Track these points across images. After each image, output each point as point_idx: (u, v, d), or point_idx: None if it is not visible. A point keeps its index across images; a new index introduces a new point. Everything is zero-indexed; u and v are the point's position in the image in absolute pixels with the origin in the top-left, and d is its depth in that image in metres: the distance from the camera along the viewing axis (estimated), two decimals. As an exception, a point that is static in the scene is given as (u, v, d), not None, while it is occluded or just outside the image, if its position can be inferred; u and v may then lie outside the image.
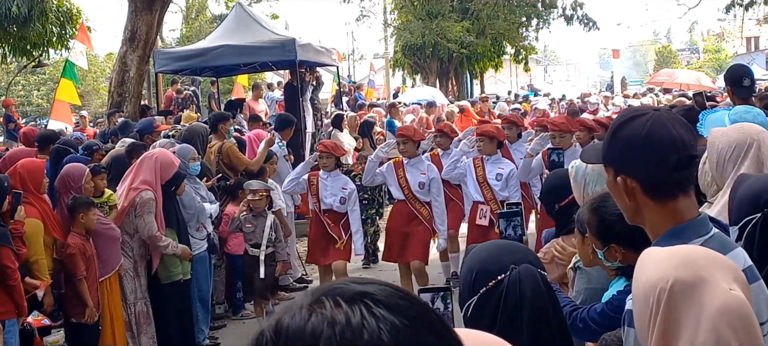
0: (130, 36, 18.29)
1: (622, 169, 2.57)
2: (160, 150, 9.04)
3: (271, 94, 23.04)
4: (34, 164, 7.93)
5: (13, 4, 16.40)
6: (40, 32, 17.43)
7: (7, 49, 18.31)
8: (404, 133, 9.99)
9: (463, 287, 2.52)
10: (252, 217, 9.54)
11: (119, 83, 18.24)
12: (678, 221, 2.55)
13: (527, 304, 2.37)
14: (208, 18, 42.91)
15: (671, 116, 2.64)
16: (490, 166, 9.67)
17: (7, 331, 6.78)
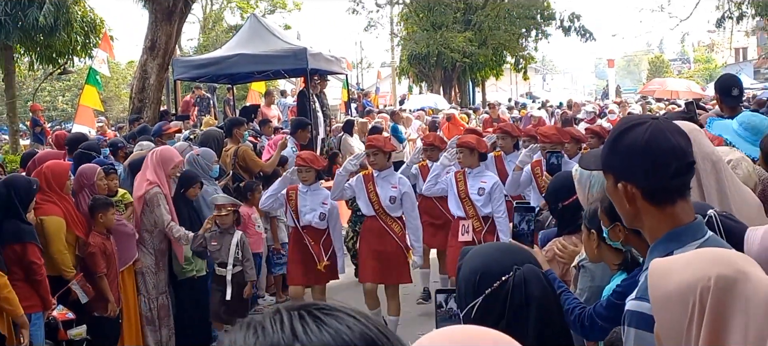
0: (151, 45, 18.33)
1: (623, 175, 2.55)
2: (161, 148, 9.17)
3: (284, 101, 23.04)
4: (59, 166, 7.96)
5: (40, 14, 16.41)
6: (66, 41, 17.43)
7: (34, 57, 18.31)
8: (374, 145, 8.84)
9: (465, 289, 2.48)
10: (218, 234, 8.47)
11: (140, 90, 18.29)
12: (676, 224, 2.54)
13: (534, 303, 2.34)
14: (224, 28, 42.94)
15: (669, 125, 2.63)
16: (472, 180, 8.76)
17: (33, 324, 6.79)
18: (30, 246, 6.84)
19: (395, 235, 8.64)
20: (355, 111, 23.12)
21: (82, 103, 18.24)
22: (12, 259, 6.76)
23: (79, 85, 29.13)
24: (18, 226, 6.86)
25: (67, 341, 7.47)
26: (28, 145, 19.29)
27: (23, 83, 31.80)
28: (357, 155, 9.40)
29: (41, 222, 7.37)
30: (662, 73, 70.02)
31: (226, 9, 46.34)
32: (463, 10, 37.21)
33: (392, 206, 8.59)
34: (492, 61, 40.18)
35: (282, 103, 22.46)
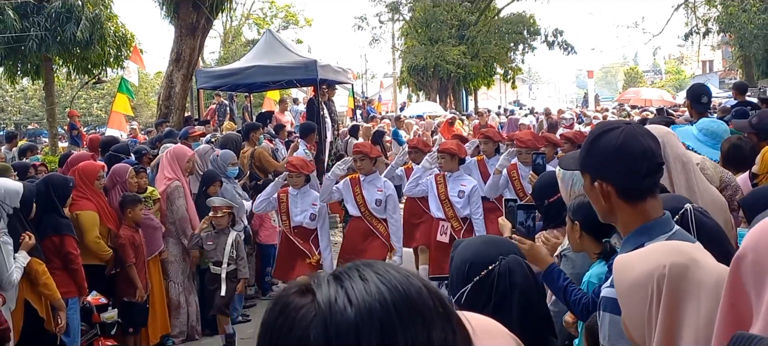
0: (176, 57, 18.37)
1: (598, 175, 2.56)
2: (173, 146, 9.22)
3: (296, 108, 23.06)
4: (90, 165, 8.00)
5: (77, 29, 16.42)
6: (100, 54, 17.43)
7: (72, 68, 18.30)
8: (360, 150, 8.61)
9: (456, 277, 2.49)
10: (214, 234, 8.29)
11: (166, 98, 18.33)
12: (646, 219, 2.55)
13: (517, 290, 2.35)
14: (243, 42, 42.99)
15: (641, 129, 2.66)
16: (452, 184, 8.55)
17: (69, 308, 6.83)
18: (67, 238, 6.89)
19: (381, 235, 8.50)
20: (360, 117, 23.18)
21: (114, 109, 18.33)
22: (51, 249, 6.80)
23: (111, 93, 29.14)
24: (56, 219, 6.90)
25: (100, 323, 7.50)
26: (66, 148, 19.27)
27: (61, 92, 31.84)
28: (345, 160, 9.10)
29: (76, 216, 7.44)
30: (637, 83, 70.01)
31: (245, 25, 46.48)
32: (457, 26, 37.21)
33: (378, 208, 8.43)
34: (483, 72, 40.34)
35: (294, 109, 22.48)
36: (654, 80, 74.77)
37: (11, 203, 6.30)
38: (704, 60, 62.15)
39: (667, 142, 3.74)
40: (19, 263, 6.16)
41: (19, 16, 16.60)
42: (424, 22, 37.51)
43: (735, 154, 5.21)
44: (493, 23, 39.14)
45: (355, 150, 8.80)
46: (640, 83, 67.91)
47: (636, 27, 53.23)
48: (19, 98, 43.17)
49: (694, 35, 36.17)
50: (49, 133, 20.41)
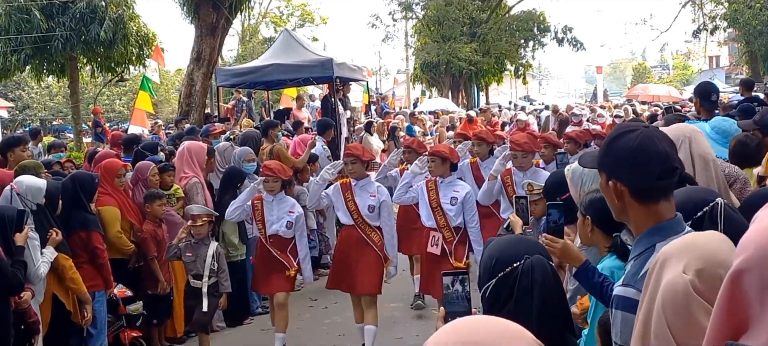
0: (196, 56, 18.44)
1: (614, 175, 2.57)
2: (188, 143, 9.22)
3: (313, 104, 23.06)
4: (112, 163, 8.07)
5: (101, 30, 16.52)
6: (123, 53, 17.53)
7: (96, 66, 18.43)
8: (352, 153, 7.66)
9: (483, 271, 2.51)
10: (193, 244, 7.47)
11: (187, 95, 18.42)
12: (659, 220, 2.54)
13: (537, 288, 2.37)
14: (260, 40, 43.03)
15: (658, 133, 2.64)
16: (444, 190, 7.59)
17: (96, 300, 6.89)
18: (94, 233, 6.94)
19: (374, 244, 7.56)
20: (374, 113, 23.14)
21: (136, 106, 18.41)
22: (78, 244, 6.85)
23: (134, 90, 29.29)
24: (84, 216, 6.95)
25: (126, 315, 7.56)
26: (90, 143, 19.40)
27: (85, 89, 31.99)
28: (334, 164, 8.20)
29: (99, 212, 7.46)
30: (644, 78, 69.75)
31: (262, 23, 46.47)
32: (469, 24, 37.14)
33: (371, 215, 7.53)
34: (494, 69, 40.20)
35: (311, 106, 22.50)
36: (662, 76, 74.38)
37: (34, 199, 6.35)
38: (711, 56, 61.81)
39: (693, 140, 3.77)
40: (47, 258, 6.21)
41: (45, 16, 16.72)
42: (436, 20, 37.45)
43: (740, 151, 5.22)
44: (503, 21, 39.05)
45: (346, 153, 7.87)
46: (648, 79, 67.63)
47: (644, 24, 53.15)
48: (44, 95, 43.44)
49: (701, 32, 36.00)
50: (73, 129, 20.56)
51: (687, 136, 3.80)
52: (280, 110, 19.07)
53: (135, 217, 7.91)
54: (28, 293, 5.96)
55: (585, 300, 3.89)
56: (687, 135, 3.81)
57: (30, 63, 17.57)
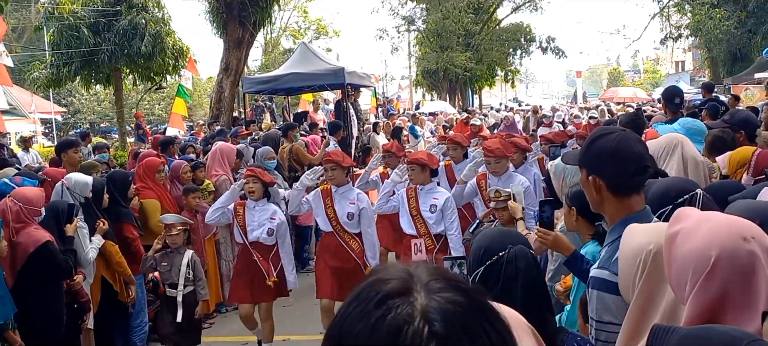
0: (225, 67, 18.47)
1: (594, 171, 2.58)
2: (220, 144, 9.23)
3: (327, 108, 23.07)
4: (152, 161, 8.08)
5: (141, 44, 16.56)
6: (161, 64, 17.55)
7: (137, 76, 18.45)
8: (332, 159, 6.72)
9: (472, 260, 2.51)
10: (168, 253, 6.55)
11: (217, 101, 18.45)
12: (630, 212, 2.56)
13: (521, 275, 2.36)
14: (281, 51, 43.05)
15: (633, 136, 2.69)
16: (423, 197, 6.70)
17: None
18: (126, 224, 6.93)
19: (353, 252, 6.69)
20: (381, 114, 23.15)
21: (173, 111, 18.43)
22: (117, 234, 6.84)
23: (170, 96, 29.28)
24: (117, 209, 6.94)
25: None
26: (133, 143, 19.42)
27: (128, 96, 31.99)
28: (315, 170, 7.42)
29: (142, 204, 7.49)
30: (619, 81, 69.43)
31: (282, 36, 46.45)
32: (464, 35, 37.14)
33: (350, 222, 6.68)
34: (486, 74, 40.19)
35: (326, 109, 22.51)
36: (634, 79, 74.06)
37: (81, 193, 6.39)
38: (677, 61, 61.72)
39: (684, 144, 3.90)
40: (95, 244, 6.23)
41: (92, 33, 16.76)
42: (435, 33, 37.47)
43: (719, 144, 5.25)
44: (494, 33, 39.11)
45: (326, 159, 6.90)
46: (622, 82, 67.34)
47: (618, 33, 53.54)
48: (92, 101, 43.51)
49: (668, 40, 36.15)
50: (118, 131, 20.56)
51: (679, 141, 3.94)
52: (298, 113, 19.12)
53: (173, 208, 7.93)
54: (80, 276, 5.99)
55: (568, 280, 3.89)
56: (679, 141, 3.95)
57: (79, 74, 17.60)
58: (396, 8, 39.97)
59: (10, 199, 5.75)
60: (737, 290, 1.59)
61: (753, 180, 3.89)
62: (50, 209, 6.02)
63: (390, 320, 0.98)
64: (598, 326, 2.53)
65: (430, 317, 0.98)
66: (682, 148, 3.92)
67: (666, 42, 36.41)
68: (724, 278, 1.62)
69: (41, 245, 5.57)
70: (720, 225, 1.74)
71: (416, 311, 0.99)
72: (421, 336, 0.96)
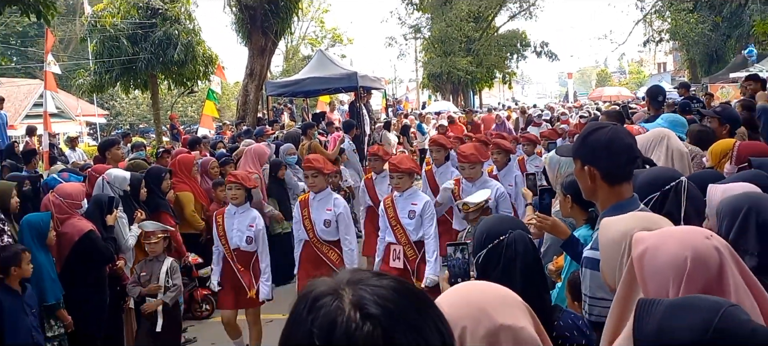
0: (250, 72, 18.49)
1: (588, 161, 2.56)
2: (254, 146, 9.23)
3: (342, 108, 23.05)
4: (186, 158, 8.15)
5: (175, 53, 16.60)
6: (192, 70, 17.56)
7: (171, 81, 18.46)
8: (313, 165, 5.83)
9: (476, 244, 2.47)
10: (148, 262, 5.95)
11: (243, 103, 18.49)
12: (620, 199, 2.54)
13: (520, 257, 2.32)
14: (300, 58, 42.97)
15: (623, 130, 2.69)
16: (402, 203, 5.82)
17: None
18: (163, 214, 6.95)
19: (331, 263, 5.81)
20: (391, 114, 23.13)
21: (204, 113, 18.42)
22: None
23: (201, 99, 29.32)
24: (155, 200, 7.00)
25: (198, 277, 7.59)
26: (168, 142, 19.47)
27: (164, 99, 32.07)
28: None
29: (177, 197, 7.51)
30: (606, 82, 69.06)
31: (301, 44, 46.41)
32: (465, 42, 37.05)
33: (327, 230, 5.81)
34: (486, 77, 40.10)
35: (341, 109, 22.50)
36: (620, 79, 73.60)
37: (120, 186, 6.43)
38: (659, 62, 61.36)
39: (670, 138, 3.91)
40: (133, 233, 6.24)
41: (131, 43, 16.81)
42: (439, 40, 37.46)
43: (702, 137, 5.29)
44: (493, 39, 39.01)
45: (305, 165, 6.00)
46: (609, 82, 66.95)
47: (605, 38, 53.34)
48: (132, 105, 43.69)
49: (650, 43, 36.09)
50: (155, 130, 20.61)
51: (665, 135, 3.94)
52: (316, 113, 19.12)
53: (204, 200, 7.98)
54: (121, 262, 6.01)
55: (560, 260, 3.85)
56: (665, 135, 3.95)
57: (120, 80, 17.65)
58: (403, 18, 40.25)
59: (52, 194, 5.80)
60: (714, 281, 1.60)
61: (737, 168, 3.86)
62: (93, 201, 6.06)
63: (322, 318, 0.96)
64: (592, 302, 2.50)
65: (361, 303, 0.96)
66: (668, 140, 3.90)
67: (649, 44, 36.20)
68: (702, 273, 1.62)
69: (84, 233, 5.60)
70: (683, 232, 1.75)
71: (345, 303, 0.96)
72: (355, 321, 0.94)
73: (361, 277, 1.01)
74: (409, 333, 0.95)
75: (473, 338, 1.34)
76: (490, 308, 1.38)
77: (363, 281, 1.00)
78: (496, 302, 1.41)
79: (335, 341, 0.93)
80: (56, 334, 5.38)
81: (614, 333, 1.74)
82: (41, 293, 5.25)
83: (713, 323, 1.30)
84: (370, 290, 0.98)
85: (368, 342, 0.92)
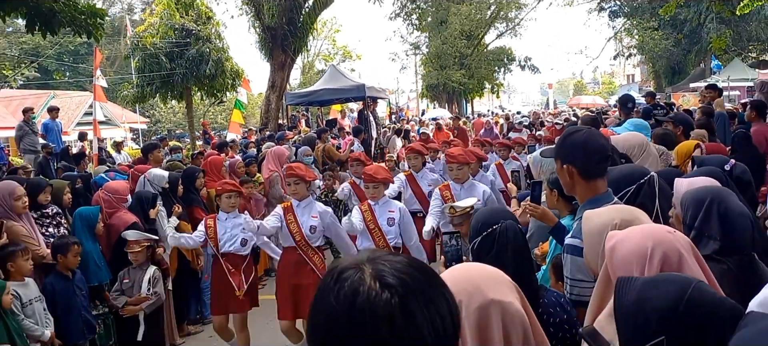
0: (271, 84, 18.46)
1: (567, 160, 2.55)
2: (275, 147, 9.25)
3: (352, 115, 23.04)
4: (216, 159, 8.15)
5: (206, 68, 16.62)
6: (222, 83, 17.53)
7: (203, 92, 18.44)
8: (295, 173, 5.26)
9: (472, 232, 2.44)
10: (130, 270, 5.35)
11: (265, 112, 18.46)
12: (596, 193, 2.52)
13: (511, 243, 2.31)
14: (315, 72, 42.92)
15: (597, 132, 2.66)
16: (380, 210, 5.30)
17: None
18: (196, 208, 6.96)
19: (315, 267, 5.26)
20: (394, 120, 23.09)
21: (232, 120, 18.46)
22: (189, 215, 6.86)
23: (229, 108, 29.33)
24: (190, 196, 6.99)
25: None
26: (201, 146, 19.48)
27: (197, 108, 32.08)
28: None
29: (209, 193, 7.50)
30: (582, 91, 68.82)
31: (316, 60, 46.40)
32: (458, 57, 37.04)
33: (313, 236, 5.26)
34: (477, 87, 39.97)
35: (351, 116, 22.48)
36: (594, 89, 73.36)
37: (159, 184, 6.43)
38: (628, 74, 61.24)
39: (647, 145, 3.92)
40: (172, 224, 6.21)
41: (168, 60, 16.82)
42: (436, 56, 37.45)
43: (666, 139, 5.30)
44: (483, 54, 38.94)
45: (288, 173, 5.38)
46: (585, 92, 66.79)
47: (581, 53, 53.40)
48: (169, 113, 43.77)
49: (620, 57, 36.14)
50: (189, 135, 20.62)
51: (645, 139, 3.98)
52: (329, 120, 19.08)
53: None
54: (160, 249, 6.01)
55: (544, 246, 3.85)
56: (645, 139, 3.99)
57: (159, 92, 17.64)
58: (405, 37, 40.28)
59: (102, 191, 5.82)
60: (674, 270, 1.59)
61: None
62: (136, 197, 6.07)
63: (347, 287, 0.98)
64: (572, 283, 2.49)
65: (380, 275, 0.98)
66: (648, 144, 3.93)
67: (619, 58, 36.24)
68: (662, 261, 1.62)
69: (129, 225, 5.60)
70: (651, 228, 1.76)
71: (366, 275, 0.98)
72: (375, 290, 0.96)
73: (378, 255, 1.04)
74: (422, 301, 0.98)
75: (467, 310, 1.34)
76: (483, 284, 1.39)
77: (381, 258, 1.02)
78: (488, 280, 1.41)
79: (358, 306, 0.95)
80: (101, 312, 5.39)
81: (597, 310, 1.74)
82: (88, 277, 5.27)
83: (687, 294, 1.32)
84: (387, 264, 1.01)
85: (386, 308, 0.95)
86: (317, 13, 20.09)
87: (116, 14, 41.21)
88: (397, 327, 0.94)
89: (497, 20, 39.38)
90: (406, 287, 0.97)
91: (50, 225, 5.34)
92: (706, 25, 26.20)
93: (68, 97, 29.73)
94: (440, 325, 0.98)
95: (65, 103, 26.78)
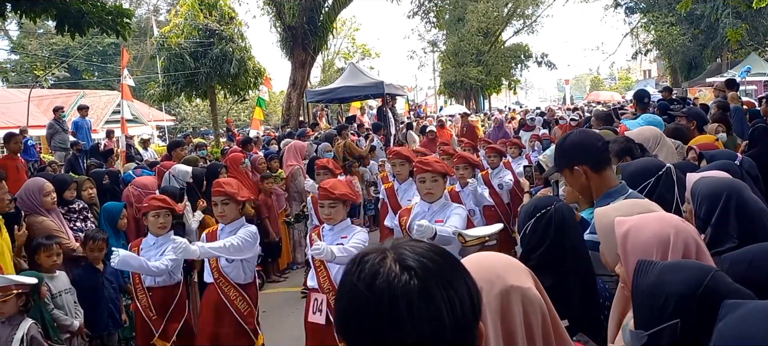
0: (292, 83, 18.53)
1: (574, 162, 2.51)
2: (295, 142, 9.30)
3: (371, 112, 23.06)
4: (236, 156, 8.21)
5: (230, 67, 16.75)
6: (244, 81, 17.66)
7: (227, 91, 18.60)
8: (224, 191, 4.20)
9: (522, 216, 2.36)
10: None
11: (287, 109, 18.54)
12: (610, 186, 2.50)
13: (569, 222, 2.24)
14: (335, 70, 42.98)
15: (583, 129, 2.75)
16: (331, 238, 3.93)
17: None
18: (217, 203, 6.99)
19: (236, 311, 4.15)
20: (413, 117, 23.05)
21: (254, 117, 18.61)
22: (210, 210, 6.94)
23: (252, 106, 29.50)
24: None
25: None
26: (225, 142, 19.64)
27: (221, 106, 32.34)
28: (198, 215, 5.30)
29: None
30: (599, 87, 68.16)
31: (336, 58, 46.48)
32: (475, 54, 36.83)
33: (230, 268, 4.19)
34: (494, 84, 39.76)
35: (370, 113, 22.49)
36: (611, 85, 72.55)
37: (183, 179, 6.49)
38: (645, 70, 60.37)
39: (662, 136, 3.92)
40: (197, 217, 6.30)
41: (193, 59, 16.97)
42: (453, 53, 37.27)
43: (677, 133, 5.22)
44: (500, 51, 38.66)
45: (215, 190, 4.29)
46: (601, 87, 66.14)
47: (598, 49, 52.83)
48: (194, 111, 44.17)
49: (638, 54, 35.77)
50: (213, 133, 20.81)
51: (660, 133, 3.97)
52: (349, 117, 19.11)
53: (253, 190, 7.99)
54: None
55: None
56: (659, 133, 3.98)
57: (184, 90, 17.83)
58: (423, 34, 40.29)
59: (132, 186, 5.90)
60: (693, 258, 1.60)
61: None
62: (163, 191, 6.12)
63: (368, 269, 0.98)
64: (596, 276, 2.47)
65: (401, 258, 0.99)
66: (661, 138, 3.92)
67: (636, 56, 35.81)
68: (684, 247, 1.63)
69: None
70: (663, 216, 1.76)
71: (388, 259, 0.99)
72: (395, 272, 0.96)
73: (401, 242, 1.04)
74: (441, 283, 0.97)
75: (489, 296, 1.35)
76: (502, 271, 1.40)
77: (403, 244, 1.03)
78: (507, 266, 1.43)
79: (377, 286, 0.96)
80: (126, 304, 5.47)
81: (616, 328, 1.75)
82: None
83: (705, 281, 1.34)
84: (409, 249, 1.01)
85: (406, 289, 0.95)
86: (337, 13, 20.13)
87: (142, 15, 41.66)
88: (416, 308, 0.94)
89: (514, 17, 39.09)
90: (425, 269, 0.97)
91: (77, 219, 5.44)
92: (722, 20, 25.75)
93: (97, 96, 30.15)
94: (459, 307, 0.97)
95: (94, 102, 27.17)
